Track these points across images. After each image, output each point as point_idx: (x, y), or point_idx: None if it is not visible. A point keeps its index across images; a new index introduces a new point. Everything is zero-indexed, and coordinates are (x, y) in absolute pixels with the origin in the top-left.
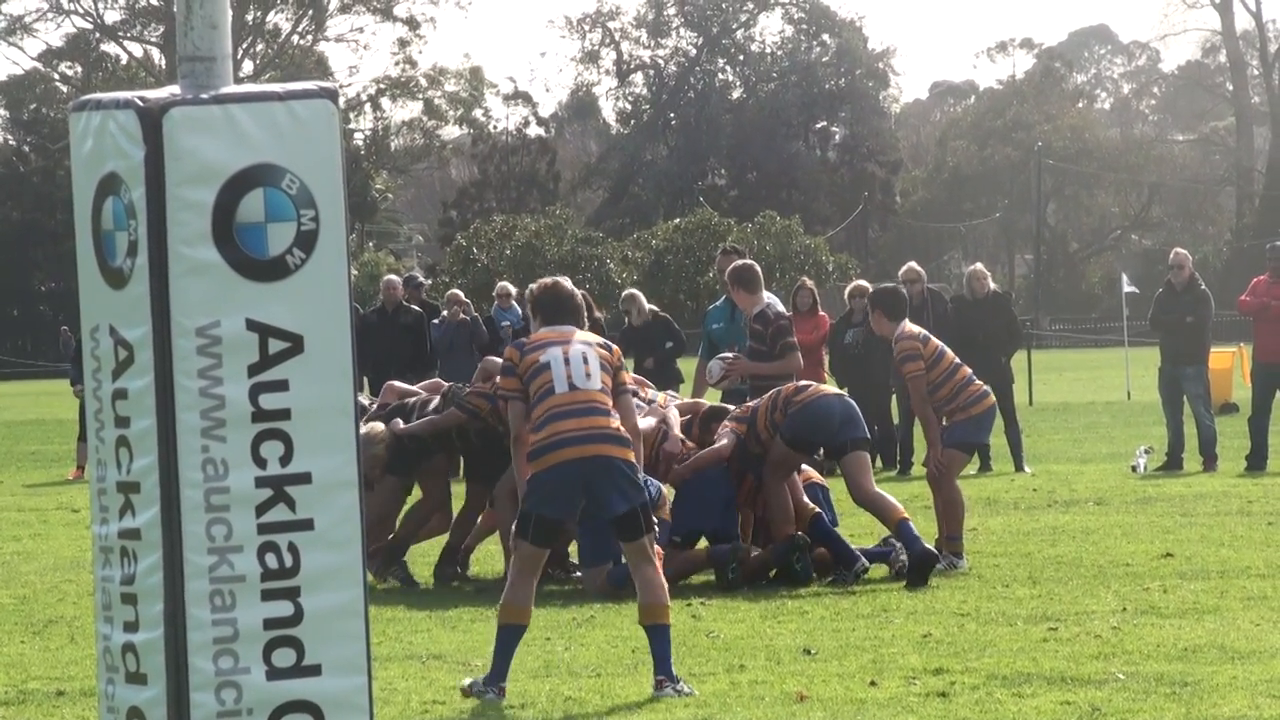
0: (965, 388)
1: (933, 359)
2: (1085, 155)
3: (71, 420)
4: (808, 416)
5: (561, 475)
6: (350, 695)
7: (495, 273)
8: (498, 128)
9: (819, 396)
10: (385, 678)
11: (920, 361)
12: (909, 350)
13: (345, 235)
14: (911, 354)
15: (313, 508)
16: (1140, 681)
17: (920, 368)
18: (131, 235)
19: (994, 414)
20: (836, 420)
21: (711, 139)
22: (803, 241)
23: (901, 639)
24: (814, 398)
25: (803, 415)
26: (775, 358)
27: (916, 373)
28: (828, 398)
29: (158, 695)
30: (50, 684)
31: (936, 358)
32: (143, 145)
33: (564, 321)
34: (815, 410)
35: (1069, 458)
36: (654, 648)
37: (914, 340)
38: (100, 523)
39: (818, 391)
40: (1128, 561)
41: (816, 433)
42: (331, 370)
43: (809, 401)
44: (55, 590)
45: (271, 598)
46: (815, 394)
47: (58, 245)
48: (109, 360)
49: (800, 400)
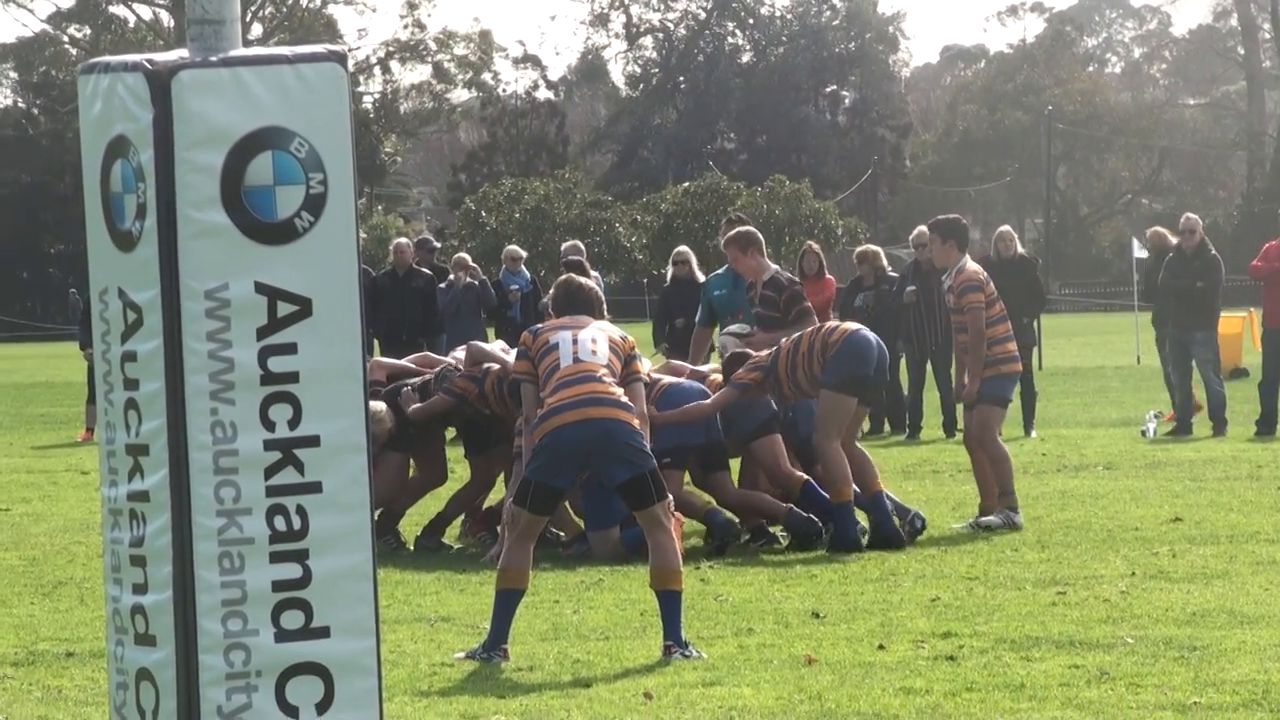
0: (1004, 343)
1: (989, 299)
2: (1096, 119)
3: (80, 383)
4: (850, 351)
5: (562, 441)
6: (359, 657)
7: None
8: (507, 91)
9: (852, 332)
10: (394, 640)
11: (981, 294)
12: (971, 280)
13: (354, 198)
14: (973, 285)
15: (321, 471)
16: (1149, 645)
17: (980, 300)
18: (140, 198)
19: (1018, 378)
20: (875, 352)
21: (721, 103)
22: (812, 205)
23: (910, 603)
24: (847, 334)
25: (845, 352)
26: (791, 324)
27: (976, 304)
28: (861, 332)
29: (166, 657)
30: (60, 645)
31: (992, 300)
32: (151, 108)
33: (578, 312)
34: (855, 344)
35: (1078, 422)
36: (664, 613)
37: (977, 273)
38: (109, 485)
39: (845, 329)
40: (1137, 526)
41: (864, 365)
42: (340, 333)
43: (845, 338)
44: (65, 552)
45: (280, 560)
46: (845, 331)
47: (66, 208)
48: (118, 323)
49: (836, 340)
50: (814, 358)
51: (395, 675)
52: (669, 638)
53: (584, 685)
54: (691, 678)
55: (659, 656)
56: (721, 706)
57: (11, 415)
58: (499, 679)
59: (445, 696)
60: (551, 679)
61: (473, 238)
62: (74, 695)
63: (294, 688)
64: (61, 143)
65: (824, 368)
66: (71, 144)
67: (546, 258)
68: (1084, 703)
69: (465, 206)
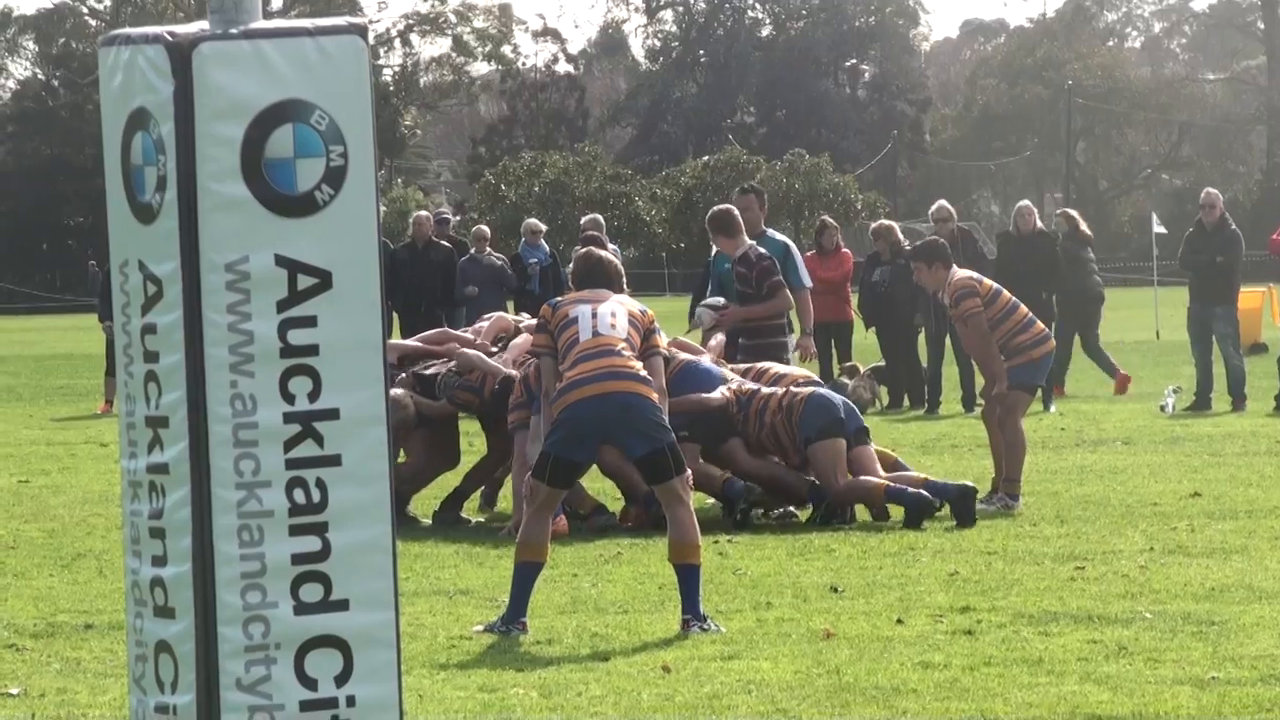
0: (1026, 329)
1: (989, 297)
2: (1115, 94)
3: (100, 355)
4: (815, 406)
5: (581, 414)
6: (377, 630)
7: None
8: (526, 64)
9: (809, 394)
10: (412, 613)
11: (977, 299)
12: (963, 288)
13: (374, 171)
14: (966, 291)
15: (341, 443)
16: (1167, 620)
17: (977, 305)
18: (160, 170)
19: (1052, 357)
20: (840, 408)
21: (741, 76)
22: (831, 180)
23: (928, 577)
24: (806, 397)
25: (810, 409)
26: (764, 298)
27: (974, 310)
28: (816, 391)
29: (185, 629)
30: (79, 617)
31: (992, 296)
32: (172, 80)
33: (597, 285)
34: (816, 400)
35: (1097, 397)
36: (683, 587)
37: (968, 279)
38: (129, 457)
39: (802, 394)
40: (1155, 501)
41: (834, 410)
42: (360, 306)
43: (806, 401)
44: (84, 524)
45: (299, 533)
46: (804, 396)
47: (87, 180)
48: (138, 295)
49: (799, 403)
50: (786, 423)
51: (414, 648)
52: (687, 611)
53: (602, 658)
54: (710, 651)
55: (677, 630)
56: (739, 680)
57: (31, 387)
58: (517, 652)
59: (464, 669)
60: (570, 652)
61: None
62: (93, 667)
63: (313, 660)
64: (82, 115)
65: (801, 428)
66: (92, 116)
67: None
68: (1102, 677)
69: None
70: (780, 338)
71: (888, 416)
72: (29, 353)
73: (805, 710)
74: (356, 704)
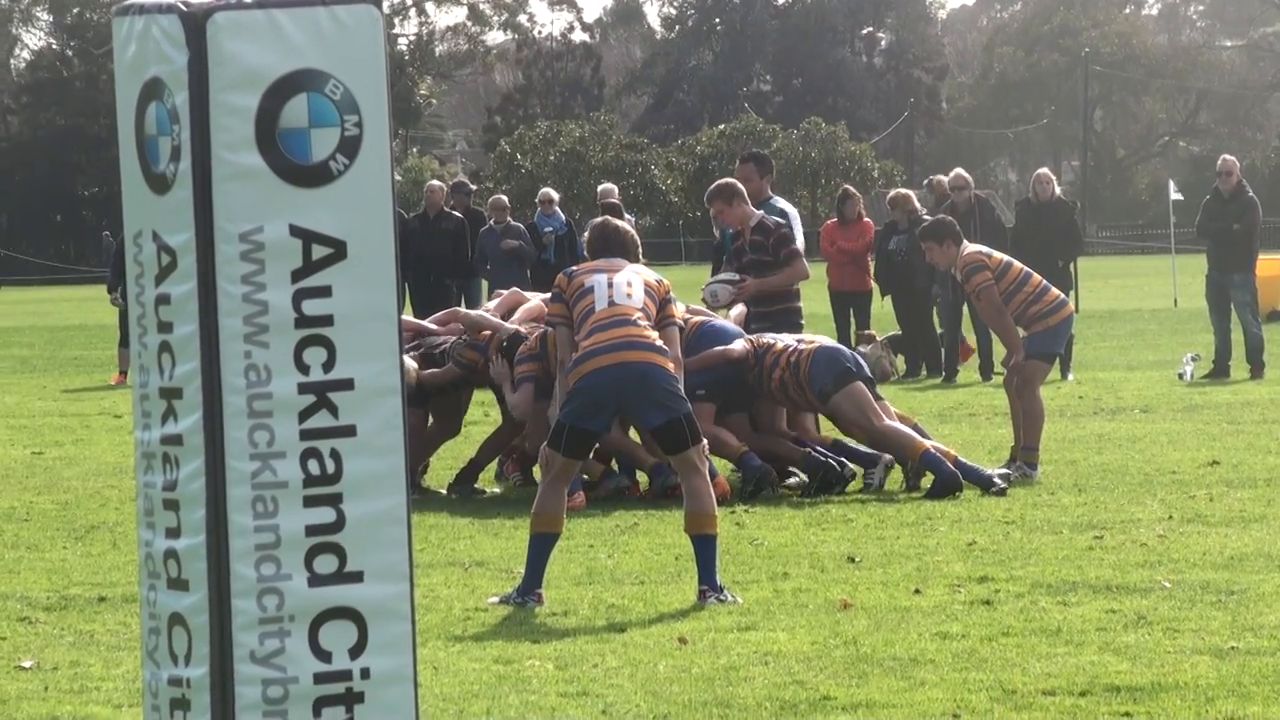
0: (1040, 297)
1: (999, 270)
2: (1133, 61)
3: (113, 325)
4: (823, 359)
5: (597, 384)
6: (392, 602)
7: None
8: (542, 33)
9: (816, 348)
10: (428, 585)
11: (987, 272)
12: (973, 262)
13: (389, 141)
14: (976, 265)
15: (355, 414)
16: (1186, 590)
17: (988, 278)
18: (175, 140)
19: (1071, 323)
20: (848, 357)
21: (757, 45)
22: (848, 148)
23: (946, 547)
24: (813, 350)
25: (819, 362)
26: (781, 266)
27: (985, 283)
28: (821, 344)
29: (199, 601)
30: (92, 590)
31: (1003, 269)
32: (186, 50)
33: (612, 255)
34: (823, 353)
35: (1115, 365)
36: (699, 558)
37: (977, 253)
38: (142, 428)
39: (809, 349)
40: (1174, 469)
41: (842, 360)
42: (374, 276)
43: (812, 354)
44: (97, 496)
45: (313, 504)
46: (811, 348)
47: (101, 150)
48: (152, 266)
49: (806, 358)
50: (797, 382)
51: (429, 620)
52: (704, 582)
53: (618, 630)
54: (726, 622)
55: (694, 601)
56: (756, 651)
57: (45, 358)
58: (533, 624)
59: (479, 641)
60: (586, 624)
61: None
62: (106, 640)
63: (327, 632)
64: (96, 85)
65: (810, 383)
66: (106, 86)
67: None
68: (1121, 647)
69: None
70: (795, 302)
71: (905, 385)
72: (43, 324)
73: (822, 681)
74: (371, 676)
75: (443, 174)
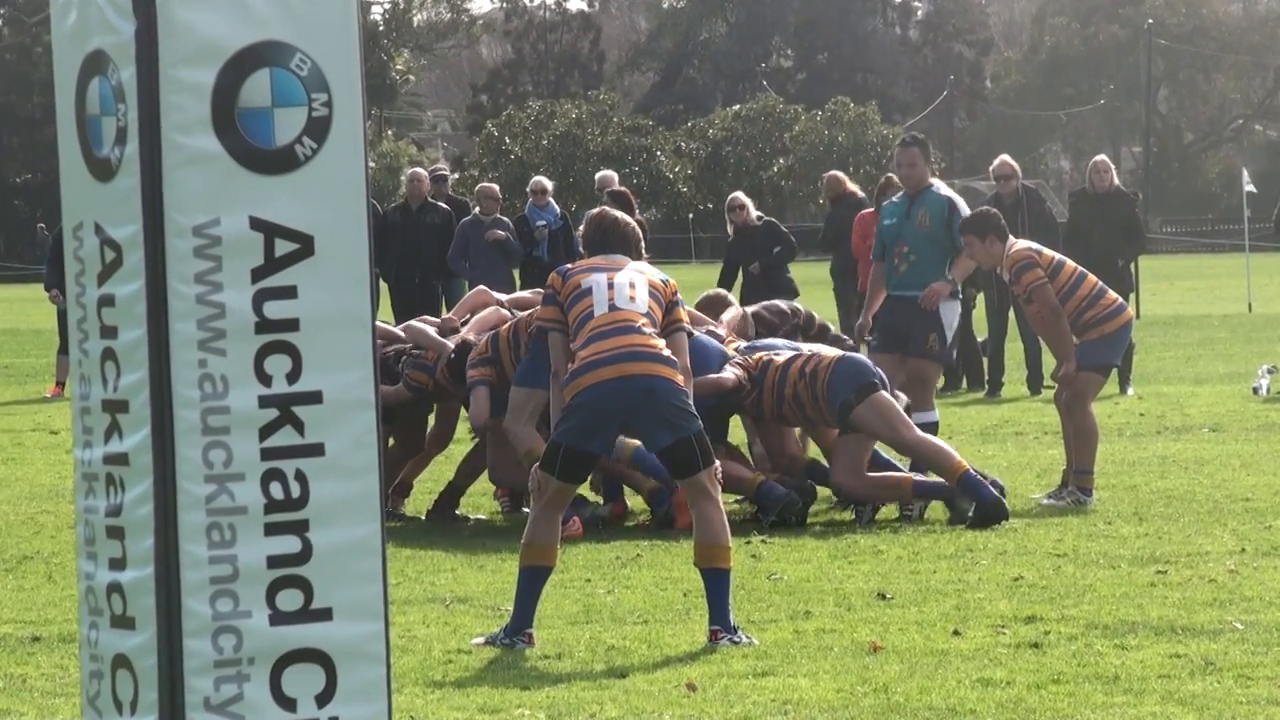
0: (1096, 301)
1: (1051, 270)
2: (1202, 34)
3: (50, 330)
4: (843, 372)
5: (598, 399)
6: (364, 643)
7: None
8: (534, 1)
9: (836, 360)
10: (404, 623)
11: (1039, 269)
12: (1022, 259)
13: (362, 122)
14: (1026, 263)
15: (324, 431)
16: (1260, 632)
17: (1041, 276)
18: (120, 121)
19: (1130, 330)
20: (870, 369)
21: (777, 14)
22: (879, 131)
23: (989, 582)
24: (832, 363)
25: (839, 374)
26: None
27: (1038, 282)
28: (844, 356)
29: (147, 641)
30: (24, 628)
31: (1055, 269)
32: (133, 19)
33: (612, 251)
34: (845, 365)
35: (1181, 378)
36: (710, 594)
37: (1026, 250)
38: (83, 446)
39: (827, 361)
40: (1247, 496)
41: (866, 373)
42: (345, 275)
43: (831, 367)
44: (31, 522)
45: (276, 532)
46: (829, 361)
47: (35, 132)
48: (94, 262)
49: (824, 369)
50: (809, 390)
51: (405, 663)
52: (716, 622)
53: (619, 675)
54: (741, 667)
55: (704, 643)
56: (774, 699)
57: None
58: (523, 668)
59: (461, 688)
60: (582, 668)
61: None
62: (40, 685)
63: (291, 677)
64: (29, 58)
65: (830, 395)
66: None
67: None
68: (1186, 696)
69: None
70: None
71: (944, 399)
72: None
73: None
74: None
75: (421, 160)
